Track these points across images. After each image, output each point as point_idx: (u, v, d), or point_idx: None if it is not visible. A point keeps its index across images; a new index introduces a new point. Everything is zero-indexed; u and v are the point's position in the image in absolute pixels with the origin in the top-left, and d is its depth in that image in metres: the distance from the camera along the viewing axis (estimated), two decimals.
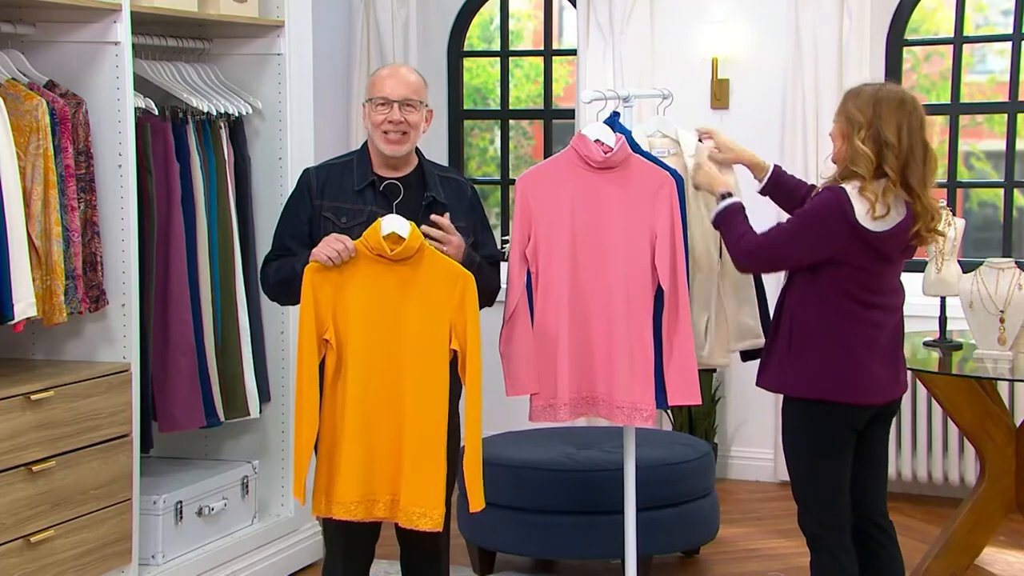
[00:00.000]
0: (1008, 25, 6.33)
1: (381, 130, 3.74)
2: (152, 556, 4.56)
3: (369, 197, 3.75)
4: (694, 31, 6.46)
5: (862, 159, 3.66)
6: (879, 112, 3.67)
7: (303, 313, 3.60)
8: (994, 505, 4.85)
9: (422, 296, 3.62)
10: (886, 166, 3.65)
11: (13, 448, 3.93)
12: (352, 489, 3.62)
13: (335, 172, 3.81)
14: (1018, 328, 4.68)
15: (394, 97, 3.73)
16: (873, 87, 3.76)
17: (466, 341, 3.62)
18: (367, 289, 3.61)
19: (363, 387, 3.62)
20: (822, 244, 3.69)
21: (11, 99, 4.06)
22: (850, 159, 3.69)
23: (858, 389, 3.73)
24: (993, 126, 6.61)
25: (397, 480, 3.64)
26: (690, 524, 5.08)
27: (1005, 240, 6.26)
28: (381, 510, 3.66)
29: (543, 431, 5.33)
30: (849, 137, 3.70)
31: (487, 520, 5.01)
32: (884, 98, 3.69)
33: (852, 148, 3.69)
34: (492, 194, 7.37)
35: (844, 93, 3.81)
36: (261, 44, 5.09)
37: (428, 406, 3.62)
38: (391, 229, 3.59)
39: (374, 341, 3.62)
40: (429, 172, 3.83)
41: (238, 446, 5.16)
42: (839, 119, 3.75)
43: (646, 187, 3.90)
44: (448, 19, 7.11)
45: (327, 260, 3.58)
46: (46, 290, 4.11)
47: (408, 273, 3.62)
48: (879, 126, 3.66)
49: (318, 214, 3.75)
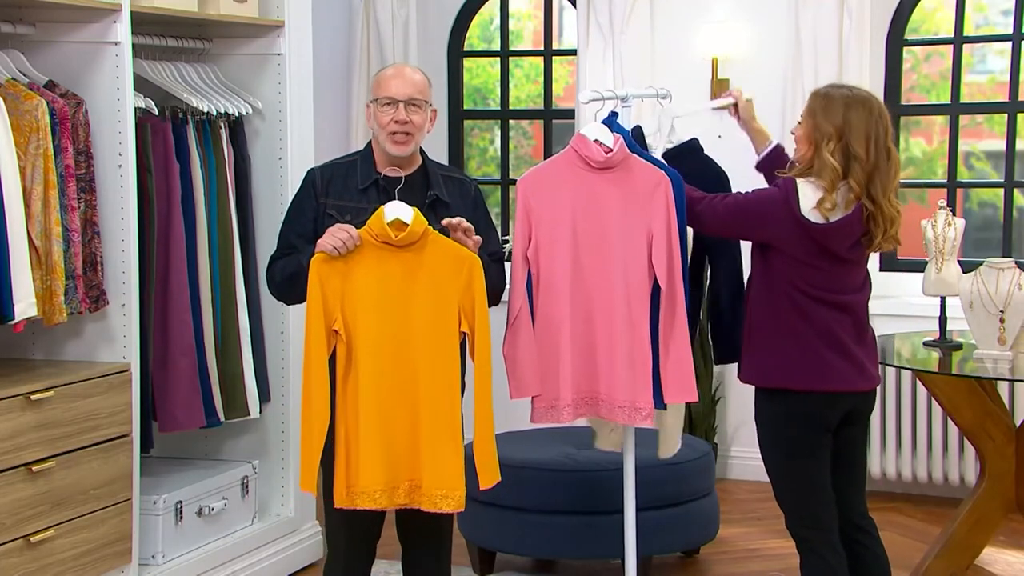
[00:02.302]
0: (1008, 25, 6.33)
1: (387, 131, 3.74)
2: (152, 556, 4.56)
3: (373, 195, 3.75)
4: (694, 31, 6.46)
5: (828, 171, 3.65)
6: (849, 122, 3.64)
7: (311, 304, 3.59)
8: (994, 505, 4.85)
9: (429, 280, 3.62)
10: (852, 179, 3.64)
11: (13, 448, 3.94)
12: (376, 478, 3.60)
13: (339, 171, 3.81)
14: (1018, 328, 4.68)
15: (400, 97, 3.73)
16: (842, 93, 3.71)
17: (475, 322, 3.63)
18: (374, 277, 3.61)
19: (376, 375, 3.61)
20: (759, 227, 3.74)
21: (11, 99, 4.06)
22: (816, 171, 3.68)
23: (813, 375, 3.72)
24: (993, 126, 6.61)
25: (416, 464, 3.64)
26: (690, 524, 5.08)
27: (1005, 240, 6.26)
28: (402, 496, 3.65)
29: (543, 431, 5.34)
30: (817, 146, 3.67)
31: (487, 520, 5.02)
32: (854, 106, 3.66)
33: (820, 159, 3.66)
34: (492, 194, 7.36)
35: (811, 94, 3.77)
36: (261, 44, 5.09)
37: (442, 389, 3.63)
38: (394, 215, 3.59)
39: (384, 328, 3.62)
40: (432, 171, 3.83)
41: (238, 446, 5.16)
42: (806, 123, 3.72)
43: (643, 186, 3.90)
44: (448, 19, 7.11)
45: (332, 250, 3.57)
46: (46, 290, 4.11)
47: (414, 258, 3.62)
48: (849, 139, 3.64)
49: (323, 213, 3.75)
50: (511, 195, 7.19)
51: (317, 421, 3.60)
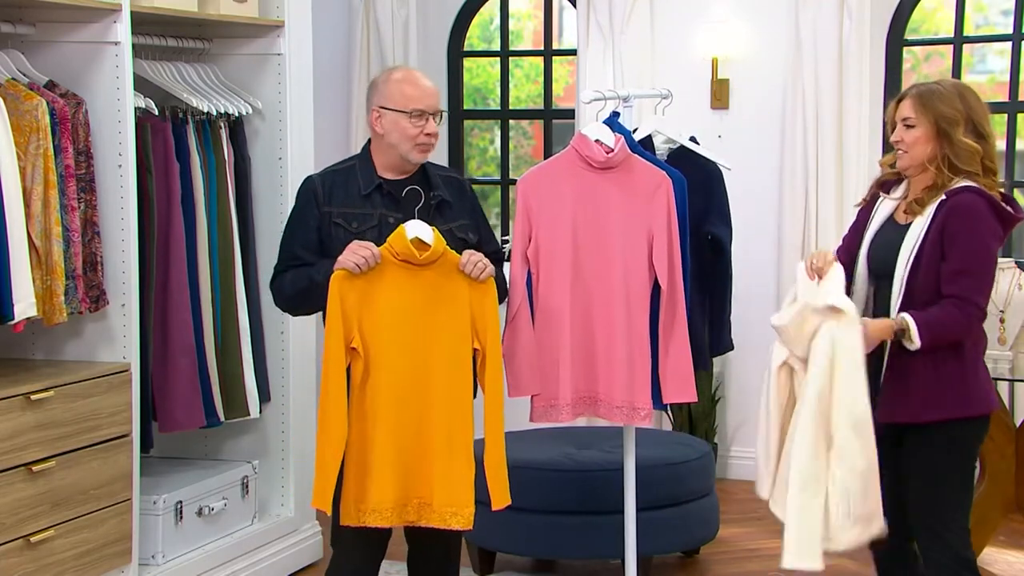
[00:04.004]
0: (1008, 25, 6.33)
1: (416, 141, 3.72)
2: (152, 556, 4.56)
3: (377, 201, 3.74)
4: (694, 31, 6.46)
5: (970, 155, 3.57)
6: (969, 104, 3.60)
7: (331, 322, 3.57)
8: (994, 505, 4.85)
9: (446, 298, 3.63)
10: (986, 160, 3.60)
11: (13, 448, 3.93)
12: (387, 496, 3.61)
13: (339, 178, 3.78)
14: (1018, 328, 4.68)
15: (430, 110, 3.73)
16: (945, 84, 3.65)
17: (487, 341, 3.65)
18: (394, 294, 3.61)
19: (393, 393, 3.62)
20: (998, 246, 3.61)
21: (11, 99, 4.06)
22: (953, 156, 3.57)
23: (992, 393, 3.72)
24: (993, 126, 6.60)
25: (427, 482, 3.65)
26: (690, 524, 5.08)
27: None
28: (411, 513, 3.67)
29: (543, 431, 5.33)
30: (948, 134, 3.57)
31: (487, 520, 5.00)
32: (966, 90, 3.64)
33: (954, 147, 3.57)
34: (492, 194, 7.37)
35: (910, 97, 3.63)
36: (261, 44, 5.09)
37: (455, 406, 3.65)
38: (414, 235, 3.60)
39: (402, 346, 3.62)
40: (432, 173, 3.83)
41: (238, 446, 5.16)
42: (924, 118, 3.59)
43: (644, 187, 3.91)
44: (448, 19, 7.11)
45: (355, 267, 3.57)
46: (46, 290, 4.11)
47: (432, 277, 3.63)
48: (975, 119, 3.60)
49: (328, 221, 3.73)
50: (511, 195, 7.20)
51: (334, 439, 3.58)
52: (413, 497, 3.65)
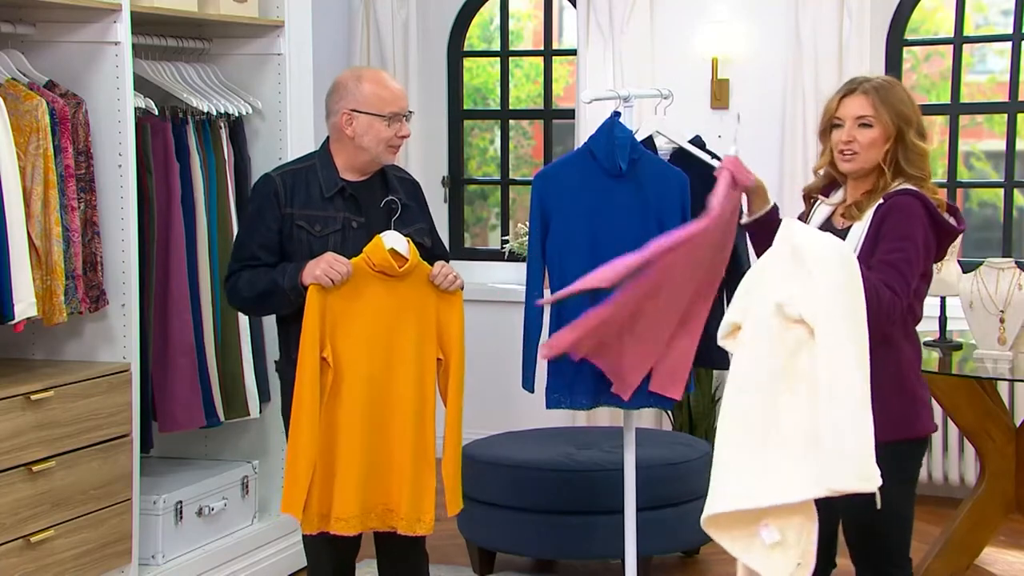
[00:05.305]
0: (1008, 25, 6.33)
1: (388, 143, 3.72)
2: (152, 556, 4.56)
3: (339, 203, 3.73)
4: (694, 31, 6.45)
5: (921, 157, 3.33)
6: (914, 103, 3.37)
7: (307, 335, 3.59)
8: (994, 505, 4.85)
9: (415, 308, 3.68)
10: (928, 163, 3.37)
11: (13, 448, 3.93)
12: (351, 504, 3.64)
13: (300, 178, 3.75)
14: (1018, 328, 4.68)
15: (404, 112, 3.73)
16: (891, 79, 3.42)
17: (451, 351, 3.70)
18: (368, 305, 3.64)
19: (361, 403, 3.65)
20: (928, 253, 3.34)
21: (11, 99, 4.06)
22: (903, 159, 3.33)
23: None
24: (993, 126, 6.61)
25: (391, 490, 3.69)
26: (690, 524, 5.02)
27: (1005, 240, 6.26)
28: (374, 520, 3.71)
29: (543, 431, 5.34)
30: (902, 135, 3.32)
31: (487, 520, 5.01)
32: (905, 90, 3.40)
33: (905, 147, 3.32)
34: (492, 194, 7.37)
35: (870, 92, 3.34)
36: (261, 44, 5.09)
37: (420, 415, 3.70)
38: (390, 246, 3.61)
39: (371, 355, 3.66)
40: (390, 175, 3.83)
41: (238, 446, 5.16)
42: (881, 118, 3.32)
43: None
44: (448, 19, 7.11)
45: (329, 283, 3.57)
46: (46, 290, 4.11)
47: (402, 287, 3.67)
48: (918, 121, 3.34)
49: (290, 223, 3.71)
50: (511, 195, 7.20)
51: (307, 447, 3.61)
52: (378, 504, 3.69)
